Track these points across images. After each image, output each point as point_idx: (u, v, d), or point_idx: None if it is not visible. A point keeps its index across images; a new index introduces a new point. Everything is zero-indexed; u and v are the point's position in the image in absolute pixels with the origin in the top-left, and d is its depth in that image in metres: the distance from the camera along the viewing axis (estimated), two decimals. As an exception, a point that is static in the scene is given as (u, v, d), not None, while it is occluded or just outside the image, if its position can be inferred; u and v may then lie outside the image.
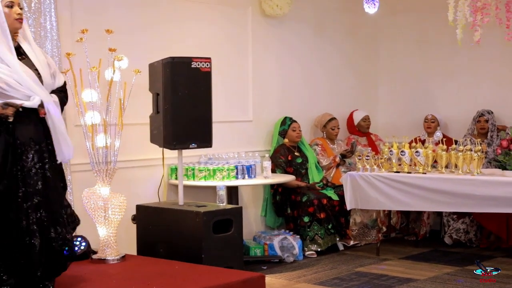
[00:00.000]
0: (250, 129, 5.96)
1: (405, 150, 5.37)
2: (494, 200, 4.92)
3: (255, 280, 3.99)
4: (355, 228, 6.00)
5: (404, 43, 6.94)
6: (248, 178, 5.33)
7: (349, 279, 4.88)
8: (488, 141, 5.98)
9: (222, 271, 4.09)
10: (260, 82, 6.03)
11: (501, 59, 6.29)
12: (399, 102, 7.00)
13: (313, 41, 6.52)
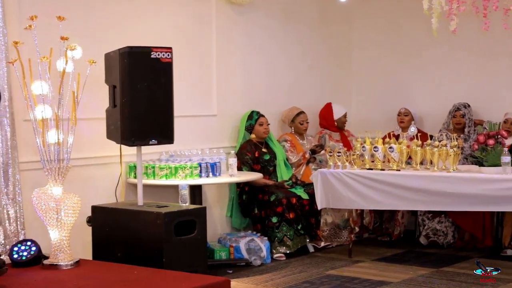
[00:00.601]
0: (214, 124, 5.91)
1: (379, 146, 5.39)
2: (470, 198, 4.98)
3: (220, 285, 3.95)
4: (326, 229, 6.00)
5: (377, 33, 6.98)
6: (213, 176, 5.30)
7: (320, 282, 4.87)
8: (465, 136, 6.04)
9: (184, 276, 4.05)
10: (225, 73, 5.98)
11: (478, 50, 6.36)
12: (372, 95, 7.03)
13: (282, 31, 6.50)
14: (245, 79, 6.21)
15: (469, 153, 5.81)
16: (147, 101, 4.55)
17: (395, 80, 6.88)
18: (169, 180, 5.10)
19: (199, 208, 4.67)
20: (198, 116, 5.80)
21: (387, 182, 5.27)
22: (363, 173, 5.37)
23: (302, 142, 6.30)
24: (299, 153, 6.18)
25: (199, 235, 4.53)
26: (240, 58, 6.16)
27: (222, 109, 5.96)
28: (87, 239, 4.70)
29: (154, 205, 4.65)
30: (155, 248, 4.34)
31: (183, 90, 5.45)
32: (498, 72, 6.29)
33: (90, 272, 4.20)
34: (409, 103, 6.55)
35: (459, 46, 6.39)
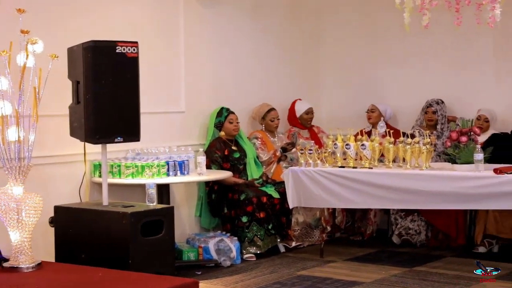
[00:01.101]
0: (182, 121, 5.90)
1: (350, 143, 5.43)
2: (443, 196, 5.04)
3: (188, 287, 3.95)
4: (298, 228, 6.03)
5: (349, 28, 7.03)
6: (181, 175, 5.29)
7: (291, 283, 4.90)
8: (437, 133, 6.12)
9: (151, 278, 4.04)
10: (194, 69, 5.97)
11: (451, 45, 6.45)
12: (343, 91, 7.08)
13: (251, 26, 6.51)
14: (215, 75, 6.20)
15: (441, 150, 5.89)
16: (112, 97, 4.53)
17: (367, 76, 6.94)
18: (136, 179, 5.08)
19: (167, 208, 4.67)
20: (166, 112, 5.78)
21: (359, 180, 5.31)
22: (335, 171, 5.41)
23: (273, 140, 6.32)
24: (269, 151, 6.20)
25: (167, 235, 4.52)
26: (209, 53, 6.15)
27: (190, 105, 5.95)
28: (49, 241, 4.65)
29: (119, 205, 4.62)
30: (120, 249, 4.32)
31: (150, 86, 5.42)
32: (471, 68, 6.38)
33: (52, 274, 4.16)
34: (381, 99, 6.62)
35: (432, 41, 6.47)
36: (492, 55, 6.28)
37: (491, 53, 6.28)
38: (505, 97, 6.17)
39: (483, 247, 5.67)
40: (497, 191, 4.82)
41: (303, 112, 6.56)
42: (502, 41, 6.20)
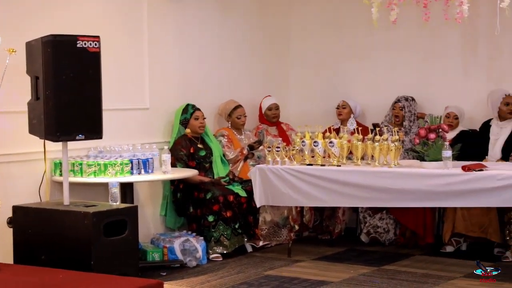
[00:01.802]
0: (146, 118, 5.86)
1: (319, 141, 5.46)
2: (412, 194, 5.09)
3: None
4: (265, 228, 6.05)
5: (317, 24, 7.06)
6: (145, 173, 5.26)
7: (258, 283, 4.91)
8: (405, 130, 6.19)
9: (114, 279, 4.01)
10: (158, 64, 5.94)
11: (420, 41, 6.52)
12: (312, 88, 7.11)
13: (218, 21, 6.50)
14: (180, 71, 6.18)
15: (409, 147, 5.96)
16: (73, 94, 4.49)
17: (335, 72, 6.98)
18: (98, 178, 5.03)
19: (130, 207, 4.64)
20: (129, 109, 5.74)
21: (327, 178, 5.34)
22: (303, 169, 5.44)
23: (239, 137, 6.32)
24: (236, 148, 6.20)
25: (130, 235, 4.50)
26: (174, 49, 6.12)
27: (155, 102, 5.92)
28: (7, 242, 4.59)
29: (81, 204, 4.58)
30: (82, 250, 4.28)
31: (112, 81, 5.38)
32: (439, 64, 6.46)
33: (11, 277, 4.10)
34: (350, 95, 6.67)
35: (400, 36, 6.54)
36: (460, 51, 6.37)
37: (459, 49, 6.37)
38: (473, 94, 6.26)
39: (450, 246, 5.75)
40: (465, 188, 4.88)
41: (266, 108, 6.58)
42: (469, 37, 6.28)
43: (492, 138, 5.83)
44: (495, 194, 4.79)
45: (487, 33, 6.08)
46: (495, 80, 6.14)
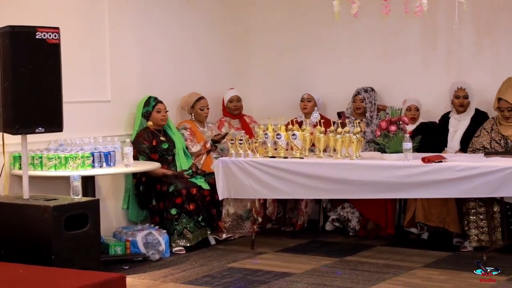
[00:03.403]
0: (108, 110, 5.81)
1: (281, 133, 5.48)
2: (373, 185, 5.15)
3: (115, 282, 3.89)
4: (228, 220, 6.05)
5: (278, 15, 7.07)
6: (107, 166, 5.22)
7: (221, 276, 4.92)
8: (367, 121, 6.25)
9: (76, 273, 3.96)
10: (120, 56, 5.89)
11: (380, 34, 6.57)
12: (274, 80, 7.13)
13: (180, 11, 6.46)
14: (142, 63, 6.13)
15: (371, 138, 6.02)
16: (33, 86, 4.42)
17: (297, 65, 7.00)
18: (59, 171, 4.98)
19: (92, 201, 4.61)
20: (90, 102, 5.68)
21: (290, 170, 5.36)
22: (265, 162, 5.45)
23: (202, 130, 6.31)
24: (199, 141, 6.18)
25: (92, 229, 4.47)
26: (136, 41, 6.07)
27: (116, 94, 5.86)
28: (-34, 237, 4.52)
29: (41, 198, 4.53)
30: (43, 245, 4.24)
31: (73, 73, 5.31)
32: (399, 57, 6.52)
33: (-31, 272, 4.04)
34: (312, 88, 6.70)
35: (361, 29, 6.59)
36: (419, 44, 6.44)
37: (419, 42, 6.44)
38: (432, 86, 6.34)
39: (415, 228, 5.83)
40: (425, 179, 4.95)
41: (227, 100, 6.57)
42: (429, 30, 6.36)
43: (451, 130, 5.92)
44: (454, 185, 4.87)
45: (446, 26, 6.18)
46: (453, 73, 6.23)
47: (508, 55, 6.07)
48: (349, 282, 4.73)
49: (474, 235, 5.43)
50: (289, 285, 4.67)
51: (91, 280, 3.82)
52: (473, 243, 5.43)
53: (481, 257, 4.92)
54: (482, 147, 5.54)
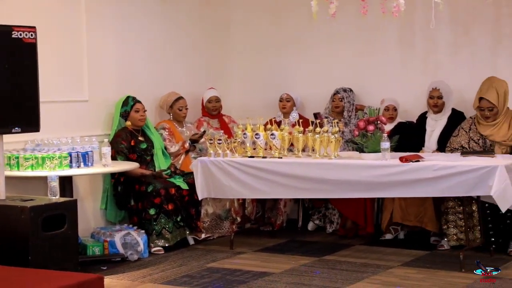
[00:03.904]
0: (86, 110, 5.78)
1: (260, 133, 5.48)
2: (352, 185, 5.17)
3: (92, 283, 3.87)
4: (207, 220, 6.05)
5: (257, 16, 7.08)
6: (84, 166, 5.20)
7: (200, 276, 4.91)
8: (345, 120, 6.28)
9: (53, 274, 3.94)
10: (97, 56, 5.86)
11: (358, 34, 6.60)
12: (253, 80, 7.14)
13: (158, 11, 6.45)
14: (120, 62, 6.10)
15: (349, 138, 6.05)
16: (9, 85, 4.39)
17: (276, 65, 7.01)
18: (36, 172, 4.95)
19: (70, 201, 4.58)
20: (68, 101, 5.64)
21: (269, 170, 5.37)
22: (244, 161, 5.45)
23: (181, 130, 6.29)
24: (178, 141, 6.17)
25: (70, 230, 4.44)
26: (113, 40, 6.04)
27: (94, 94, 5.83)
28: None
29: (18, 198, 4.50)
30: (20, 245, 4.21)
31: (50, 73, 5.28)
32: (377, 57, 6.56)
33: None
34: (291, 88, 6.72)
35: (339, 29, 6.62)
36: (397, 44, 6.48)
37: (397, 42, 6.48)
38: (410, 86, 6.38)
39: (389, 234, 5.88)
40: (402, 179, 4.98)
41: (206, 100, 6.57)
42: (406, 30, 6.40)
43: (428, 130, 5.97)
44: (432, 184, 4.90)
45: (423, 26, 6.21)
46: (431, 73, 6.28)
47: (484, 55, 6.13)
48: (327, 281, 4.75)
49: (453, 234, 5.48)
50: (268, 285, 4.68)
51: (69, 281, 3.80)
52: (452, 242, 5.48)
53: (458, 255, 4.96)
54: (461, 147, 5.59)
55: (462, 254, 4.95)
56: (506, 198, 4.70)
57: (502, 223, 5.30)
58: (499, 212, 5.05)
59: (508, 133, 5.45)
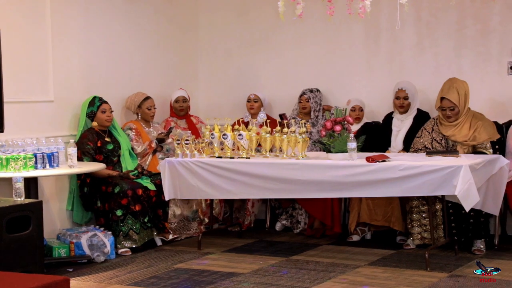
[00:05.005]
0: (51, 110, 5.72)
1: (228, 133, 5.48)
2: (319, 185, 5.19)
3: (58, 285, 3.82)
4: (175, 221, 6.03)
5: (225, 17, 7.09)
6: (50, 167, 5.14)
7: (168, 277, 4.90)
8: (312, 121, 6.31)
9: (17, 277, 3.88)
10: (63, 55, 5.81)
11: (325, 35, 6.65)
12: (221, 80, 7.14)
13: (125, 10, 6.41)
14: (86, 62, 6.05)
15: (317, 138, 6.09)
16: (-28, 85, 4.34)
17: (244, 65, 7.03)
18: (0, 173, 4.88)
19: (34, 203, 4.51)
20: (33, 102, 5.58)
21: (237, 170, 5.37)
22: (212, 162, 5.45)
23: (148, 130, 6.26)
24: (144, 142, 6.14)
25: (35, 231, 4.39)
26: (79, 39, 5.99)
27: (60, 94, 5.78)
28: None
29: (-19, 200, 4.44)
30: (-17, 248, 4.16)
31: (14, 73, 5.22)
32: (344, 58, 6.62)
33: None
34: (258, 88, 6.74)
35: (307, 30, 6.66)
36: (363, 45, 6.54)
37: (363, 43, 6.54)
38: (376, 87, 6.45)
39: (356, 235, 5.92)
40: (369, 179, 5.01)
41: (173, 100, 6.56)
42: (372, 31, 6.47)
43: (394, 130, 6.03)
44: (397, 184, 4.94)
45: (388, 28, 6.29)
46: (396, 74, 6.35)
47: (448, 55, 6.22)
48: (295, 281, 4.77)
49: (417, 233, 5.54)
50: (236, 285, 4.68)
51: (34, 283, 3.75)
52: (416, 241, 5.55)
53: (424, 254, 5.03)
54: (424, 147, 5.66)
55: (427, 253, 5.01)
56: (470, 197, 4.77)
57: (465, 222, 5.38)
58: (462, 211, 5.13)
59: (469, 133, 5.53)
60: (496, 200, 5.30)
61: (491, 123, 5.62)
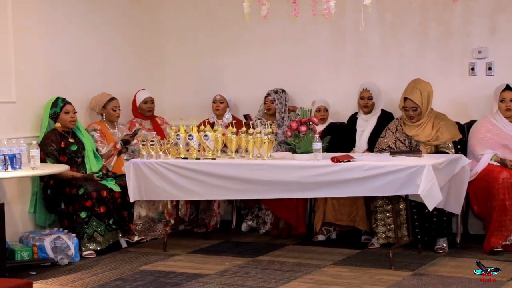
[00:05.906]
0: (13, 111, 5.64)
1: (193, 134, 5.47)
2: (284, 185, 5.20)
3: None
4: (140, 222, 5.99)
5: (191, 16, 7.07)
6: (12, 169, 5.05)
7: (133, 279, 4.86)
8: (278, 122, 6.33)
9: (-21, 281, 3.83)
10: (25, 55, 5.73)
11: (290, 36, 6.67)
12: (186, 81, 7.11)
13: (88, 10, 6.35)
14: (49, 62, 5.97)
15: (282, 139, 6.10)
16: None
17: (209, 66, 7.02)
18: (-40, 175, 4.80)
19: (-4, 205, 4.46)
20: (-6, 103, 5.51)
21: (202, 171, 5.36)
22: (177, 163, 5.43)
23: (112, 131, 6.21)
24: (109, 143, 6.09)
25: (-4, 234, 4.33)
26: (42, 39, 5.91)
27: (22, 95, 5.69)
28: None
29: None
30: None
31: (-25, 73, 5.14)
32: (309, 59, 6.64)
33: None
34: (224, 89, 6.73)
35: (272, 31, 6.67)
36: (328, 46, 6.58)
37: (328, 44, 6.58)
38: (340, 88, 6.49)
39: (322, 235, 5.96)
40: (334, 179, 5.04)
41: (141, 101, 6.52)
42: (337, 32, 6.51)
43: (358, 130, 6.08)
44: (362, 183, 4.98)
45: (353, 29, 6.33)
46: (361, 74, 6.39)
47: (412, 56, 6.29)
48: (261, 281, 4.77)
49: (382, 232, 5.60)
50: (202, 286, 4.67)
51: (-4, 287, 3.71)
52: (381, 240, 5.60)
53: (388, 253, 5.07)
54: (388, 147, 5.71)
55: (392, 252, 5.06)
56: (433, 196, 4.83)
57: (428, 221, 5.44)
58: (425, 211, 5.19)
59: (432, 133, 5.60)
60: (458, 199, 5.37)
61: (453, 123, 5.70)
